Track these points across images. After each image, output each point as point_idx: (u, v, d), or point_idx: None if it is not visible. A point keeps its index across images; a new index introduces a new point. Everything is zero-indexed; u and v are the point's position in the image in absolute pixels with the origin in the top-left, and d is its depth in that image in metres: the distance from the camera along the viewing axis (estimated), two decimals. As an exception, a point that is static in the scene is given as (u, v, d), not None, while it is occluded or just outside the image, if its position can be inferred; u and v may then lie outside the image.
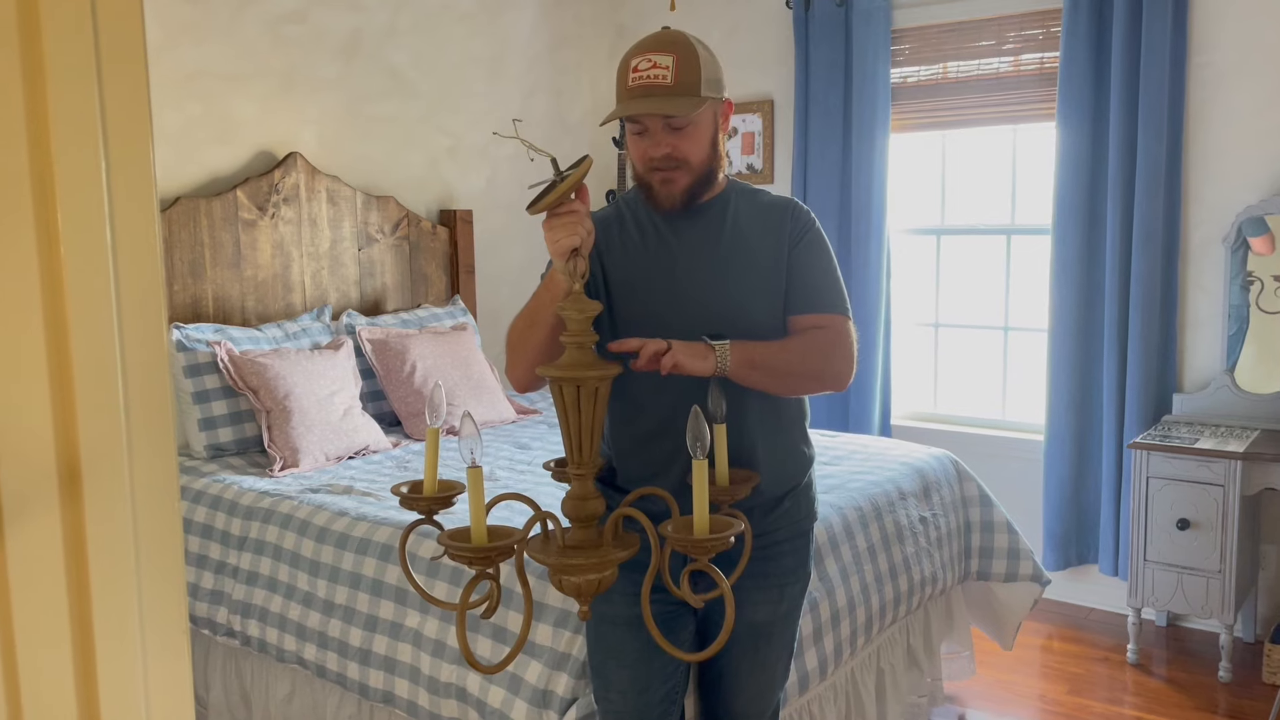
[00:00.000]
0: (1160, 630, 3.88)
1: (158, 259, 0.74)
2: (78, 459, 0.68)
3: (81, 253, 0.68)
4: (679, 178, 1.82)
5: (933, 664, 3.16)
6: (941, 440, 4.13)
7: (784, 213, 1.91)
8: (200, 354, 3.33)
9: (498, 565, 1.15)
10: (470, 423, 1.13)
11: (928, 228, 4.56)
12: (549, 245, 1.48)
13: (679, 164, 1.81)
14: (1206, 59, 3.70)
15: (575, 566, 1.10)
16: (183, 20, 3.55)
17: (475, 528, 1.13)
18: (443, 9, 4.41)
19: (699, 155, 1.82)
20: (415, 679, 2.43)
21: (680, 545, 1.12)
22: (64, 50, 0.68)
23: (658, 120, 1.79)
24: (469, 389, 3.78)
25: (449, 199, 4.51)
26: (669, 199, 1.84)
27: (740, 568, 1.29)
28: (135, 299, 0.72)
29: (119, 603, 0.70)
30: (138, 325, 0.72)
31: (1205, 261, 3.78)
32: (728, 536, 1.11)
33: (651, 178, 1.84)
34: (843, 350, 1.88)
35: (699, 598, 1.23)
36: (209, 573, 2.95)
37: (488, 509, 1.25)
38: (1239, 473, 3.34)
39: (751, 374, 1.78)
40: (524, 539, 1.15)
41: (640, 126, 1.81)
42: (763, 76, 4.63)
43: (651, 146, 1.81)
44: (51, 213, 0.67)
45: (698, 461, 1.13)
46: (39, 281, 0.67)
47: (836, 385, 1.89)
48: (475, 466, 1.13)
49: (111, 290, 0.70)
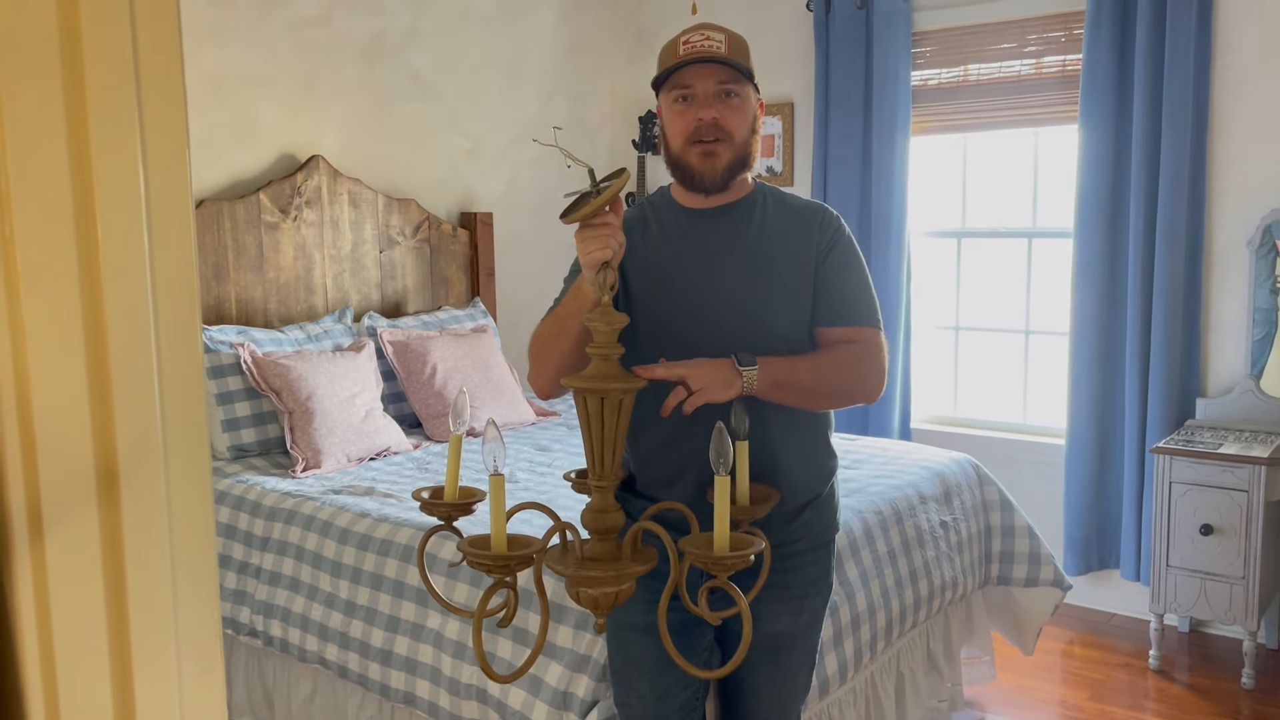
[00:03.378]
0: (1183, 636, 3.85)
1: (193, 265, 0.74)
2: (115, 463, 0.69)
3: (120, 260, 0.69)
4: (722, 151, 1.79)
5: (953, 669, 3.14)
6: (962, 444, 4.11)
7: (813, 219, 1.87)
8: (224, 355, 3.36)
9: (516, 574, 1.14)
10: (494, 429, 1.13)
11: (949, 230, 4.54)
12: (581, 257, 1.47)
13: (724, 136, 1.79)
14: (1231, 60, 3.67)
15: (593, 579, 1.10)
16: (207, 24, 3.58)
17: (495, 536, 1.13)
18: (464, 12, 4.43)
19: (742, 133, 1.81)
20: (436, 680, 2.44)
21: (700, 562, 1.10)
22: (104, 60, 0.68)
23: (710, 84, 1.77)
24: (489, 391, 3.79)
25: (469, 201, 4.52)
26: (711, 174, 1.80)
27: (758, 586, 1.27)
28: (171, 306, 0.73)
29: (155, 606, 0.71)
30: (173, 331, 0.73)
31: (1229, 265, 3.75)
32: (748, 555, 1.10)
33: (691, 153, 1.80)
34: (874, 365, 1.84)
35: (716, 615, 1.21)
36: (232, 573, 2.97)
37: (508, 517, 1.25)
38: (1263, 478, 3.32)
39: (780, 393, 1.75)
40: (543, 549, 1.14)
41: (689, 91, 1.79)
42: (783, 79, 4.63)
43: (702, 108, 1.78)
44: (91, 220, 0.68)
45: (720, 478, 1.11)
46: (79, 290, 0.68)
47: (867, 399, 1.86)
48: (498, 474, 1.12)
49: (149, 297, 0.71)
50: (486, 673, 1.12)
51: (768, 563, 1.26)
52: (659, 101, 1.87)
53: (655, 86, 1.84)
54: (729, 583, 1.11)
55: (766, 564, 1.26)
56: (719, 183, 1.81)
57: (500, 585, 1.14)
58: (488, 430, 1.13)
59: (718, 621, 1.23)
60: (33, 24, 0.65)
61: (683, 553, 1.13)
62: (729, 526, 1.11)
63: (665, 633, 1.13)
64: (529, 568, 1.14)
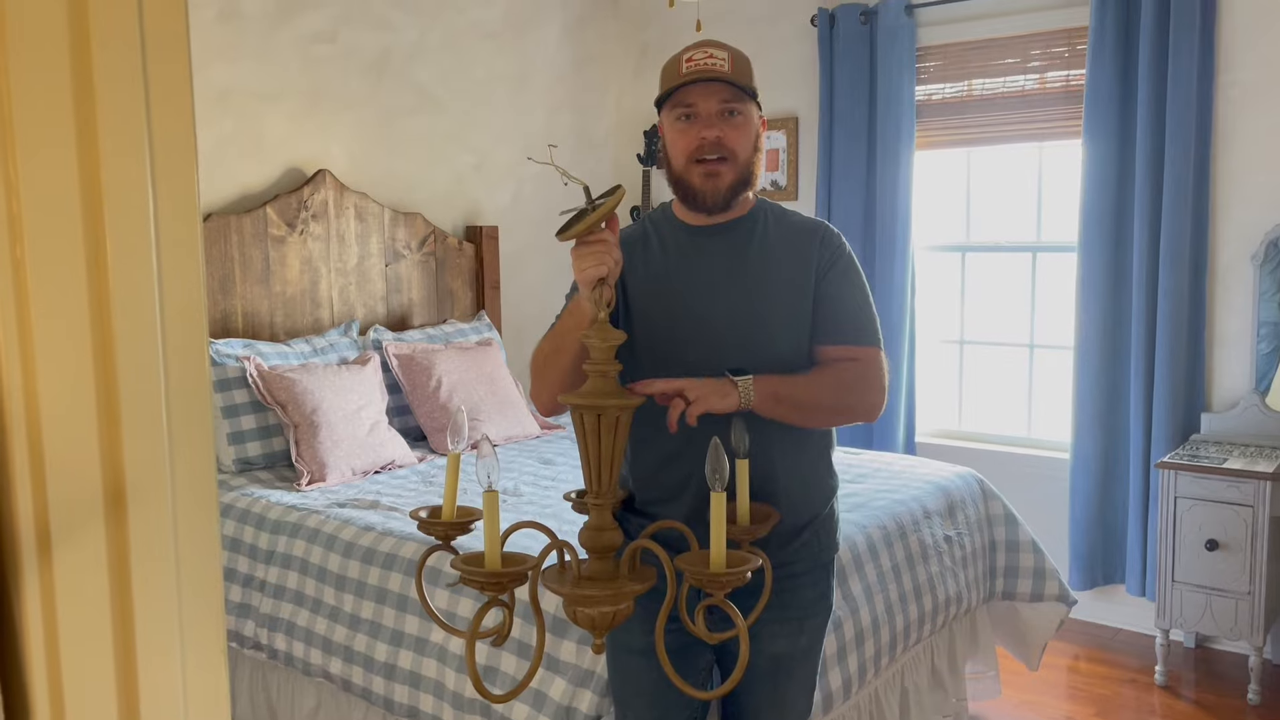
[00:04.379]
0: (1188, 652, 3.84)
1: (200, 286, 0.75)
2: (123, 481, 0.70)
3: (129, 280, 0.70)
4: (725, 170, 1.79)
5: (957, 684, 3.14)
6: (966, 458, 4.11)
7: (814, 237, 1.87)
8: (229, 369, 3.37)
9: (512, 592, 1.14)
10: (488, 445, 1.13)
11: (953, 244, 4.55)
12: (576, 274, 1.47)
13: (726, 155, 1.79)
14: (1234, 77, 3.68)
15: (590, 598, 1.08)
16: (216, 40, 3.61)
17: (489, 553, 1.12)
18: (470, 27, 4.45)
19: (745, 151, 1.80)
20: (440, 694, 2.44)
21: (696, 579, 1.09)
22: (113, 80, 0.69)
23: (713, 104, 1.77)
24: (494, 404, 3.80)
25: (475, 215, 4.54)
26: (713, 194, 1.80)
27: (759, 608, 1.26)
28: (179, 322, 0.73)
29: (160, 622, 0.72)
30: (181, 347, 0.74)
31: (1234, 280, 3.75)
32: (744, 571, 1.09)
33: (693, 172, 1.80)
34: (873, 384, 1.83)
35: (714, 636, 1.19)
36: (237, 586, 2.98)
37: (506, 535, 1.24)
38: (1268, 493, 3.31)
39: (777, 408, 1.74)
40: (538, 565, 1.13)
41: (691, 110, 1.79)
42: (788, 93, 4.65)
43: (704, 127, 1.77)
44: (100, 240, 0.69)
45: (716, 494, 1.10)
46: (88, 308, 0.69)
47: (866, 418, 1.86)
48: (492, 491, 1.12)
49: (157, 318, 0.71)
50: (480, 691, 1.11)
51: (769, 584, 1.24)
52: (661, 119, 1.86)
53: (658, 104, 1.84)
54: (726, 601, 1.10)
55: (768, 585, 1.25)
56: (721, 202, 1.81)
57: (494, 603, 1.13)
58: (482, 446, 1.12)
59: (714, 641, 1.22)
60: (43, 43, 0.66)
61: (680, 571, 1.12)
62: (725, 543, 1.10)
63: (663, 654, 1.11)
64: (523, 585, 1.13)
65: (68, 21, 0.67)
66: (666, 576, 1.14)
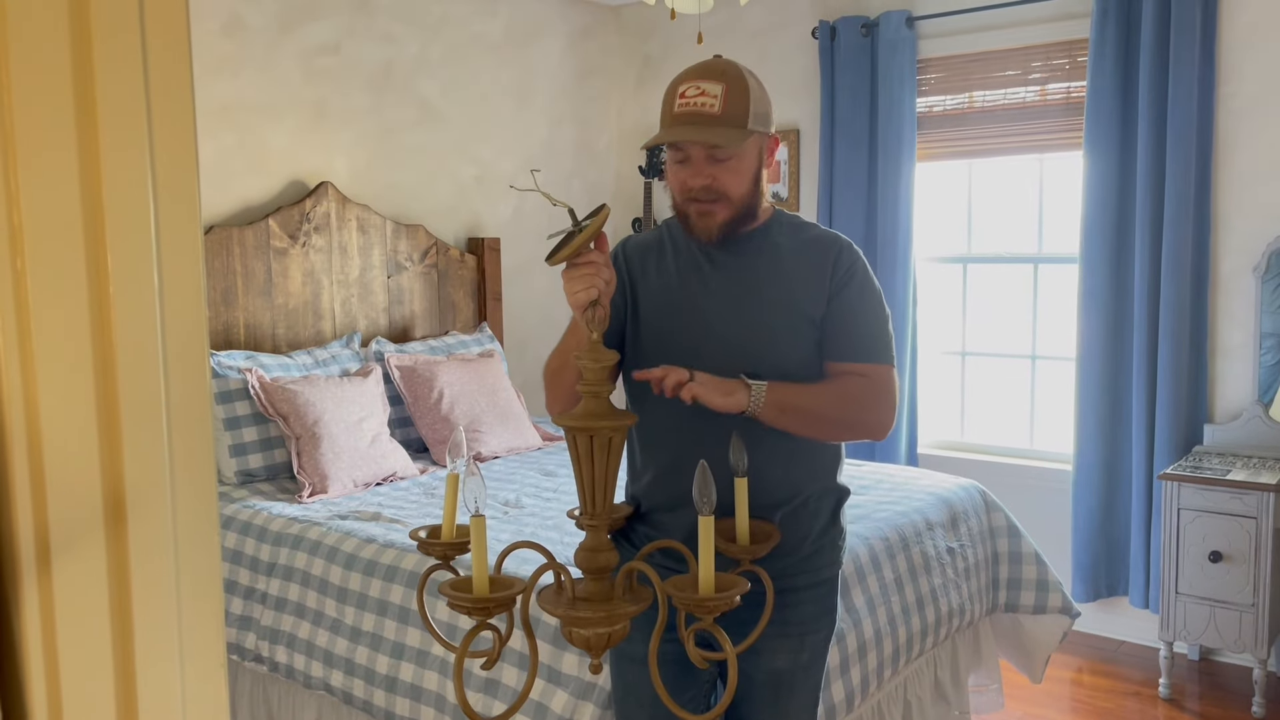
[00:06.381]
0: (1192, 664, 3.83)
1: (202, 298, 0.75)
2: (123, 493, 0.70)
3: (130, 293, 0.70)
4: (717, 210, 1.78)
5: (960, 697, 3.12)
6: (969, 470, 4.10)
7: (829, 251, 1.84)
8: (231, 381, 3.37)
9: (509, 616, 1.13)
10: (474, 467, 1.12)
11: (954, 256, 4.55)
12: (568, 298, 1.46)
13: (718, 196, 1.77)
14: (1235, 89, 3.69)
15: (584, 619, 1.07)
16: (218, 53, 3.62)
17: (477, 577, 1.11)
18: (472, 40, 4.47)
19: (739, 190, 1.78)
20: (441, 707, 2.43)
21: (684, 604, 1.08)
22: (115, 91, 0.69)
23: (700, 150, 1.74)
24: (495, 416, 3.79)
25: (477, 227, 4.55)
26: (706, 231, 1.80)
27: (760, 628, 1.24)
28: (180, 334, 0.73)
29: (161, 635, 0.72)
30: (182, 359, 0.74)
31: (1235, 291, 3.75)
32: (732, 596, 1.07)
33: (689, 209, 1.79)
34: (882, 401, 1.81)
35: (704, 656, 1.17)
36: (238, 598, 2.97)
37: (502, 557, 1.24)
38: (1272, 505, 3.30)
39: (780, 417, 1.73)
40: (526, 591, 1.12)
41: (682, 155, 1.77)
42: (789, 105, 4.66)
43: (691, 176, 1.76)
44: (101, 251, 0.69)
45: (704, 518, 1.08)
46: (89, 321, 0.69)
47: (873, 435, 1.83)
48: (478, 515, 1.11)
49: (158, 331, 0.71)
50: (468, 713, 1.10)
51: (770, 602, 1.23)
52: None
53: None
54: (715, 625, 1.08)
55: (769, 604, 1.24)
56: (715, 239, 1.81)
57: (483, 627, 1.12)
58: (468, 467, 1.12)
59: (704, 664, 1.20)
60: (45, 54, 0.66)
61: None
62: (713, 567, 1.08)
63: (656, 674, 1.10)
64: (513, 609, 1.12)
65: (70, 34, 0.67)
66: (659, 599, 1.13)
